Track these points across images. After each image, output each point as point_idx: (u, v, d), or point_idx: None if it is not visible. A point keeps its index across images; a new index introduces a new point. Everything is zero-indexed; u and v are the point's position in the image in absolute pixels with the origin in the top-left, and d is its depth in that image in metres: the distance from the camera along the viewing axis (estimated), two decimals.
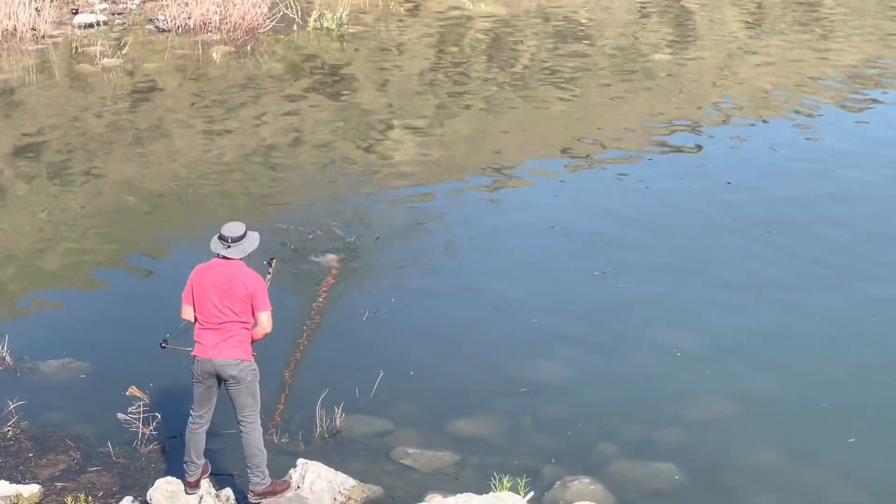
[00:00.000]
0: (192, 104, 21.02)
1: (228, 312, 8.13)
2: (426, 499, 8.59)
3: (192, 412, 8.45)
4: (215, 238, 8.24)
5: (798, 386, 10.64)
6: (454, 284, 12.96)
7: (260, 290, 8.18)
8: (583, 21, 28.43)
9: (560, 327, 11.85)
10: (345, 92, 22.11)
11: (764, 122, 19.76)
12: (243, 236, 8.22)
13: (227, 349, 8.14)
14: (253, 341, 8.28)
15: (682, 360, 11.11)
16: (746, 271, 13.17)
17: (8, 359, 10.91)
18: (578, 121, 20.21)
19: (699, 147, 18.31)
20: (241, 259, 8.22)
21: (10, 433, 9.75)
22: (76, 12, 26.64)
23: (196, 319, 8.26)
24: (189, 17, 26.22)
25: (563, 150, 18.39)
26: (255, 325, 8.23)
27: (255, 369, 8.26)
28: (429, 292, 12.76)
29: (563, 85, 22.19)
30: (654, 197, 15.81)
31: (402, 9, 28.91)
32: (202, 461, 8.54)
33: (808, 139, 18.58)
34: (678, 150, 18.14)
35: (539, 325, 11.89)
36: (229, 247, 8.17)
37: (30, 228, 14.99)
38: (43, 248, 14.23)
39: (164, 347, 8.43)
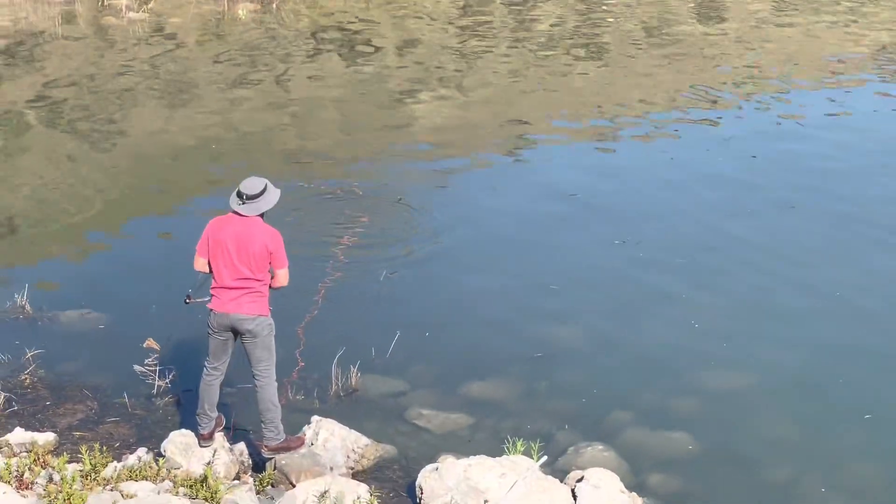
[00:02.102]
0: (217, 61, 20.99)
1: (244, 270, 8.09)
2: (439, 460, 8.58)
3: (206, 364, 8.46)
4: (234, 193, 8.20)
5: (816, 360, 10.59)
6: (474, 248, 12.93)
7: (278, 248, 8.14)
8: None
9: (578, 294, 11.82)
10: (369, 53, 22.03)
11: (791, 97, 19.60)
12: (260, 194, 8.12)
13: (245, 304, 8.12)
14: (270, 288, 8.28)
15: (700, 330, 11.07)
16: (767, 245, 13.08)
17: (27, 308, 10.94)
18: (603, 89, 20.09)
19: (725, 120, 18.18)
20: (259, 215, 8.17)
21: (28, 381, 9.79)
22: None
23: (211, 271, 8.23)
24: None
25: (587, 119, 18.29)
26: (273, 277, 8.23)
27: (270, 324, 8.25)
28: (448, 254, 12.74)
29: (589, 53, 22.06)
30: (677, 168, 15.72)
31: None
32: (215, 414, 8.56)
33: (835, 115, 18.42)
34: (704, 122, 18.02)
35: (557, 291, 11.86)
36: (243, 203, 8.11)
37: (50, 180, 15.01)
38: (63, 200, 14.25)
39: (188, 303, 8.41)
